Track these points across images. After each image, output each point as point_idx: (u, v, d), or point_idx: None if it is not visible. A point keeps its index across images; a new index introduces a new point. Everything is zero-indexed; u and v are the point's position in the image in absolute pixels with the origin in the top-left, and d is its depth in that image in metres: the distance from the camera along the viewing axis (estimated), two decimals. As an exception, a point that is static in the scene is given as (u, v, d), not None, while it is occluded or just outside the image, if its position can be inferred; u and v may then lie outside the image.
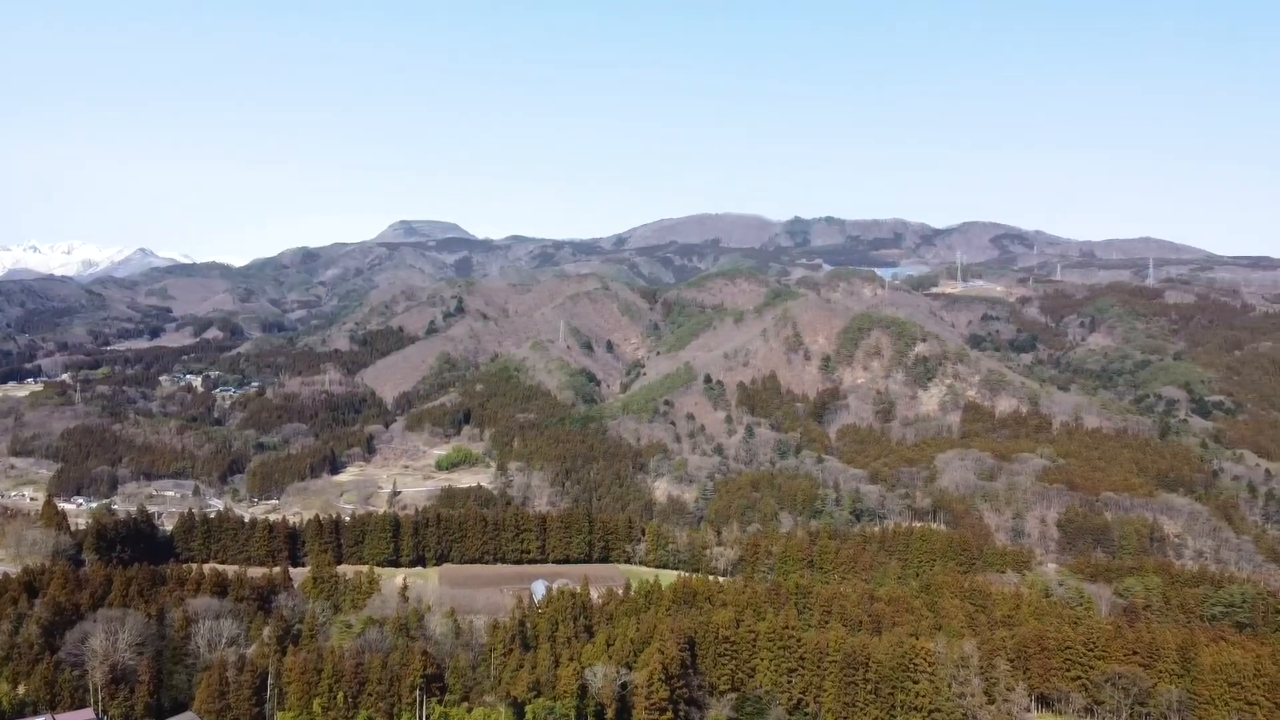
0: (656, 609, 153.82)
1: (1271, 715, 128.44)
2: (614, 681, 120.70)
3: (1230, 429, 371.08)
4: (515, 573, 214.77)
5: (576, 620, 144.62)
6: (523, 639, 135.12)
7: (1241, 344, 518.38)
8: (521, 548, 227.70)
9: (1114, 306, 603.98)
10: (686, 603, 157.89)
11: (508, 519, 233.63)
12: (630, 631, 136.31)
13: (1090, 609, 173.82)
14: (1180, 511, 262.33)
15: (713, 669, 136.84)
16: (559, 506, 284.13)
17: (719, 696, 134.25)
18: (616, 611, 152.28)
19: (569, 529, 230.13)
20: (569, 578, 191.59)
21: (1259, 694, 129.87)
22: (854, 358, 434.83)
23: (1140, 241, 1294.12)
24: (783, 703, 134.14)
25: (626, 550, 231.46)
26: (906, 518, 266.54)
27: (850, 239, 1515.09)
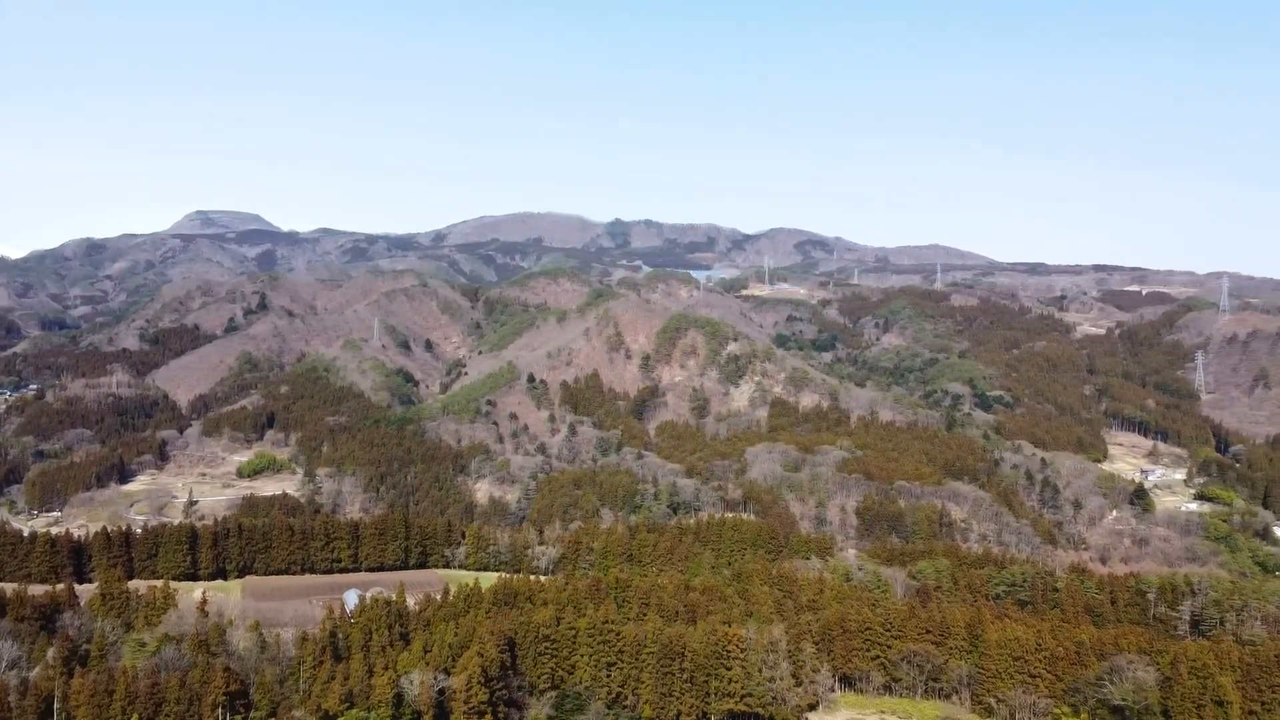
0: (476, 612, 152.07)
1: (1052, 686, 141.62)
2: (431, 687, 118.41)
3: (1009, 421, 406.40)
4: (326, 583, 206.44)
5: (392, 628, 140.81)
6: (334, 650, 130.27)
7: (1019, 343, 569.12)
8: (333, 557, 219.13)
9: (906, 308, 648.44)
10: (507, 603, 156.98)
11: (317, 527, 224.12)
12: (448, 636, 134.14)
13: (887, 591, 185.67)
14: (966, 498, 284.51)
15: (533, 668, 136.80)
16: (373, 512, 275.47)
17: (539, 696, 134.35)
18: (434, 617, 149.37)
19: (384, 535, 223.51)
20: (384, 585, 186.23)
21: (1040, 667, 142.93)
22: (672, 356, 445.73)
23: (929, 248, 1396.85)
24: (602, 697, 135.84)
25: (446, 554, 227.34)
26: (720, 509, 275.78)
27: (668, 242, 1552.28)
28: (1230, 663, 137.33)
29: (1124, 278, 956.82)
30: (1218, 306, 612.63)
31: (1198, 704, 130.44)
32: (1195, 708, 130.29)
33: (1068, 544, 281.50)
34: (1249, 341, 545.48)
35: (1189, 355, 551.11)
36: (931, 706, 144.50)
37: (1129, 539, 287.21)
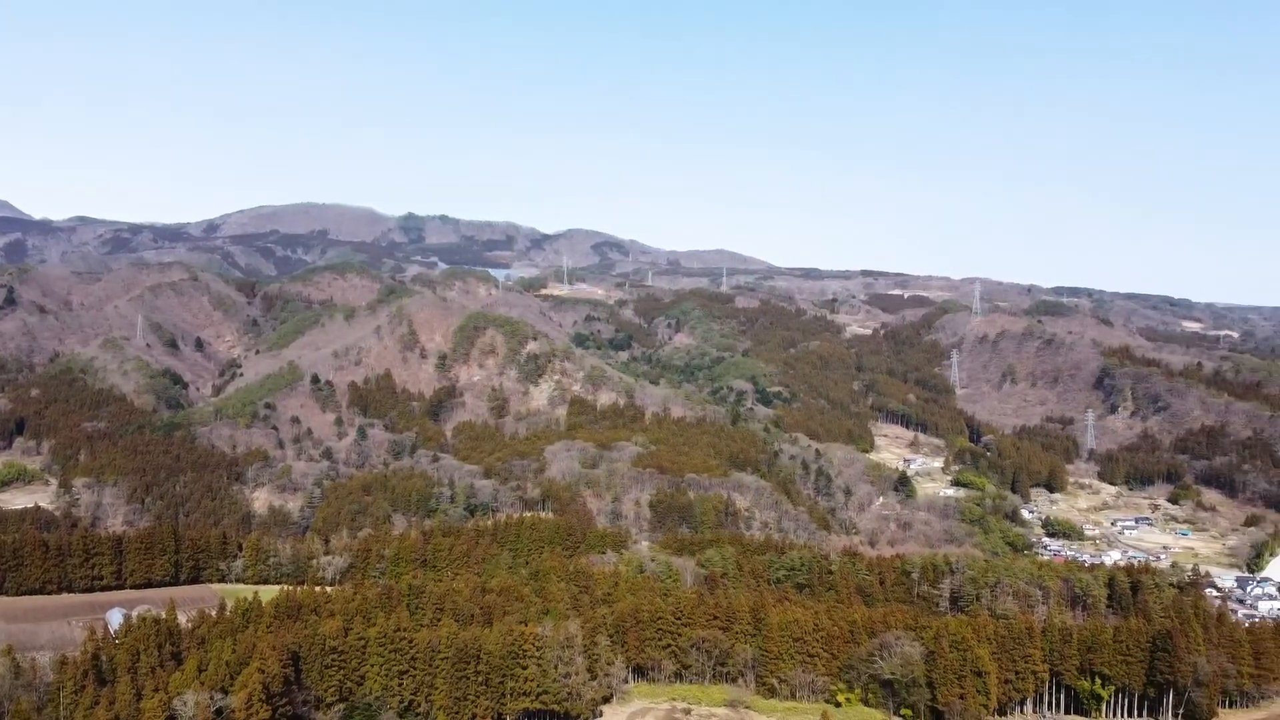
0: (256, 626, 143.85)
1: (829, 664, 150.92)
2: (208, 708, 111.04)
3: (787, 415, 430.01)
4: (87, 602, 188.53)
5: (162, 647, 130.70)
6: (98, 674, 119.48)
7: (796, 343, 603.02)
8: (93, 574, 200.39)
9: (695, 310, 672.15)
10: (291, 617, 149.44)
11: (75, 542, 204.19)
12: (226, 653, 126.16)
13: (678, 581, 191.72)
14: (749, 488, 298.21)
15: (320, 681, 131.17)
16: (138, 525, 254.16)
17: (326, 709, 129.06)
18: (210, 634, 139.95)
19: (151, 549, 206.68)
20: (152, 603, 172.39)
21: (818, 646, 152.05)
22: (470, 356, 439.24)
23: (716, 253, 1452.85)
24: (393, 706, 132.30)
25: (221, 568, 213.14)
26: (518, 509, 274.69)
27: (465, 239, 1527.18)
28: (986, 635, 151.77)
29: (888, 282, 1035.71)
30: (971, 309, 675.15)
31: (959, 675, 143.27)
32: (956, 679, 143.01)
33: (840, 529, 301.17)
34: (998, 341, 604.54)
35: (945, 353, 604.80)
36: (719, 690, 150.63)
37: (895, 523, 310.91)
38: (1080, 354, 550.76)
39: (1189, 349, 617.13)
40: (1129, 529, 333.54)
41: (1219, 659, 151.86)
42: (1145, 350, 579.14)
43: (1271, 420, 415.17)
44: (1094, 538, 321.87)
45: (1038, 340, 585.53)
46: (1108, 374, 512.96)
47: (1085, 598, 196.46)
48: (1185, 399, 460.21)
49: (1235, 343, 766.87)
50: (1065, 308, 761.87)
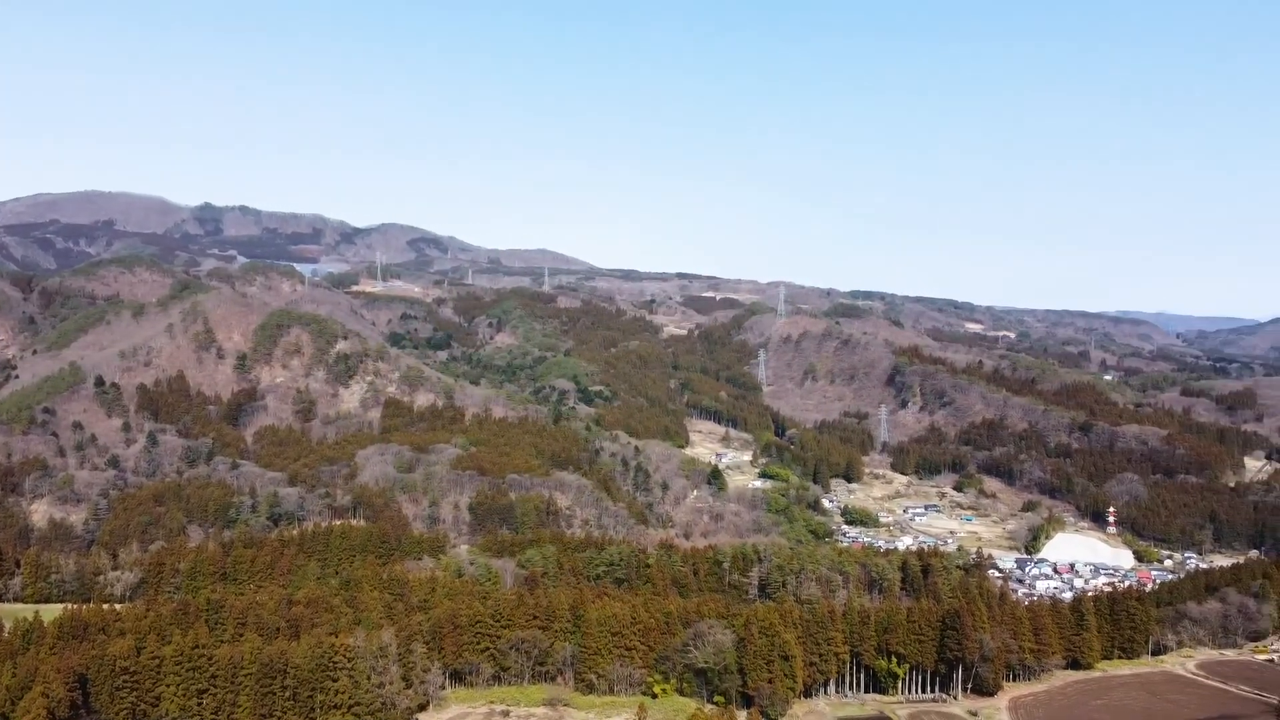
0: (39, 648, 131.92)
1: (645, 656, 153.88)
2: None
3: (608, 414, 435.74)
4: None
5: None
6: None
7: (616, 342, 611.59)
8: None
9: (517, 309, 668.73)
10: (76, 637, 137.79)
11: None
12: (5, 678, 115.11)
13: (497, 583, 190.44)
14: (570, 486, 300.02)
15: (111, 704, 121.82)
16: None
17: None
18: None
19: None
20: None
21: (635, 640, 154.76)
22: (273, 356, 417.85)
23: (538, 252, 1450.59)
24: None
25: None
26: (327, 517, 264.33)
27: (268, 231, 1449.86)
28: (792, 620, 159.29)
29: (702, 285, 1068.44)
30: (776, 311, 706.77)
31: (767, 660, 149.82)
32: (765, 663, 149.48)
33: (658, 523, 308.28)
34: (800, 341, 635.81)
35: (754, 352, 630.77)
36: (538, 690, 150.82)
37: (708, 515, 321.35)
38: (874, 353, 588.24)
39: (971, 348, 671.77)
40: (919, 516, 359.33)
41: (1002, 636, 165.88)
42: (932, 349, 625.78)
43: (1044, 414, 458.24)
44: (888, 524, 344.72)
45: (836, 340, 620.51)
46: (899, 371, 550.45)
47: (881, 581, 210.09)
48: (968, 394, 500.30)
49: (1012, 342, 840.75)
50: (861, 310, 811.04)
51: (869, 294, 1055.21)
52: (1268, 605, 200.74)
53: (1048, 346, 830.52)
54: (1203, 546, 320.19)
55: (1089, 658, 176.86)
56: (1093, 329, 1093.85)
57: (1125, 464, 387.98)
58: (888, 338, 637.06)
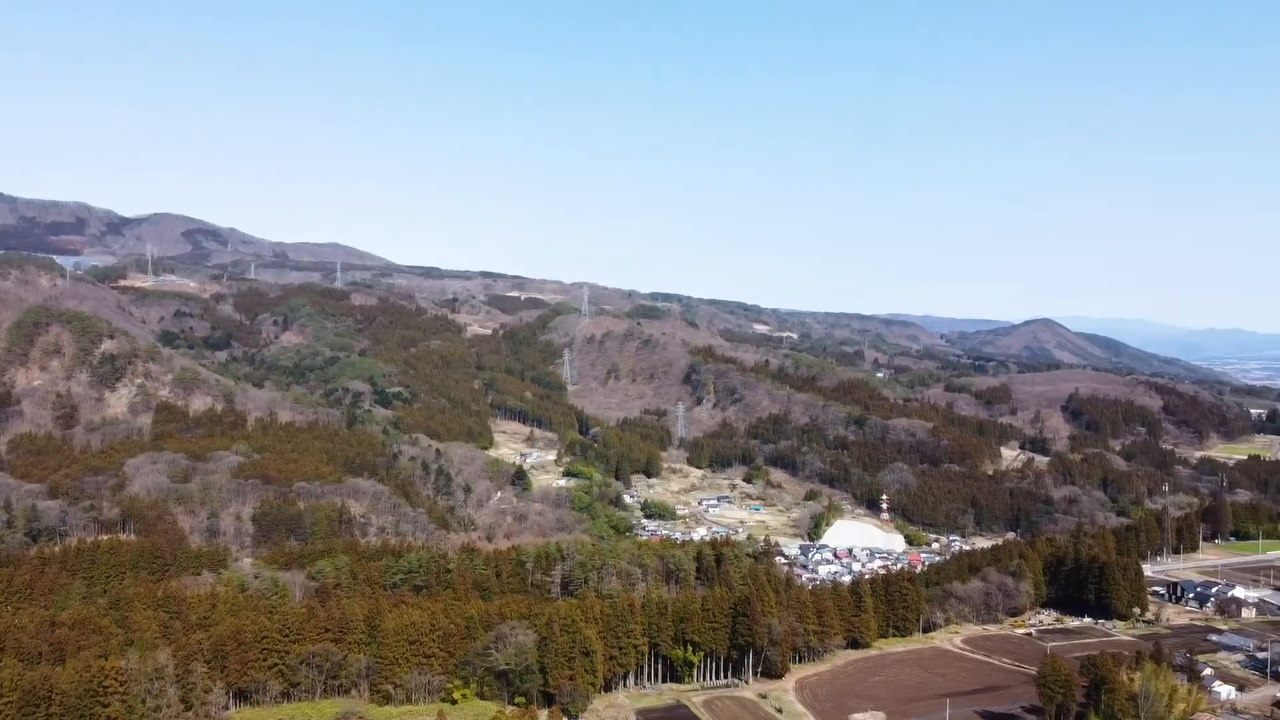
0: None
1: (445, 662, 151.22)
2: None
3: (407, 416, 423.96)
4: None
5: None
6: None
7: (416, 342, 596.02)
8: None
9: (306, 306, 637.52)
10: None
11: None
12: None
13: (286, 596, 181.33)
14: (365, 493, 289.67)
15: None
16: None
17: None
18: None
19: None
20: None
21: (434, 646, 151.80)
22: (29, 357, 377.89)
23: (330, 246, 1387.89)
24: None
25: None
26: (93, 531, 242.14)
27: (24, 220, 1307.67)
28: (594, 616, 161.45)
29: (506, 284, 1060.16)
30: (580, 312, 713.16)
31: (569, 657, 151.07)
32: (567, 661, 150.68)
33: (460, 526, 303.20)
34: (604, 341, 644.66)
35: (559, 352, 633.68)
36: (331, 705, 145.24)
37: (511, 516, 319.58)
38: (673, 353, 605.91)
39: (759, 348, 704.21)
40: (713, 507, 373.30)
41: (789, 619, 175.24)
42: (725, 349, 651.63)
43: (824, 409, 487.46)
44: (684, 516, 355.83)
45: (638, 340, 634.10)
46: (695, 370, 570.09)
47: (678, 572, 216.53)
48: (756, 391, 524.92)
49: (795, 343, 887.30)
50: (660, 311, 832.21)
51: (667, 296, 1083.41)
52: (1024, 583, 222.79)
53: (827, 346, 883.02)
54: (966, 530, 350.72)
55: (867, 637, 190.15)
56: (867, 330, 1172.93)
57: (896, 454, 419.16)
58: (685, 338, 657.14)
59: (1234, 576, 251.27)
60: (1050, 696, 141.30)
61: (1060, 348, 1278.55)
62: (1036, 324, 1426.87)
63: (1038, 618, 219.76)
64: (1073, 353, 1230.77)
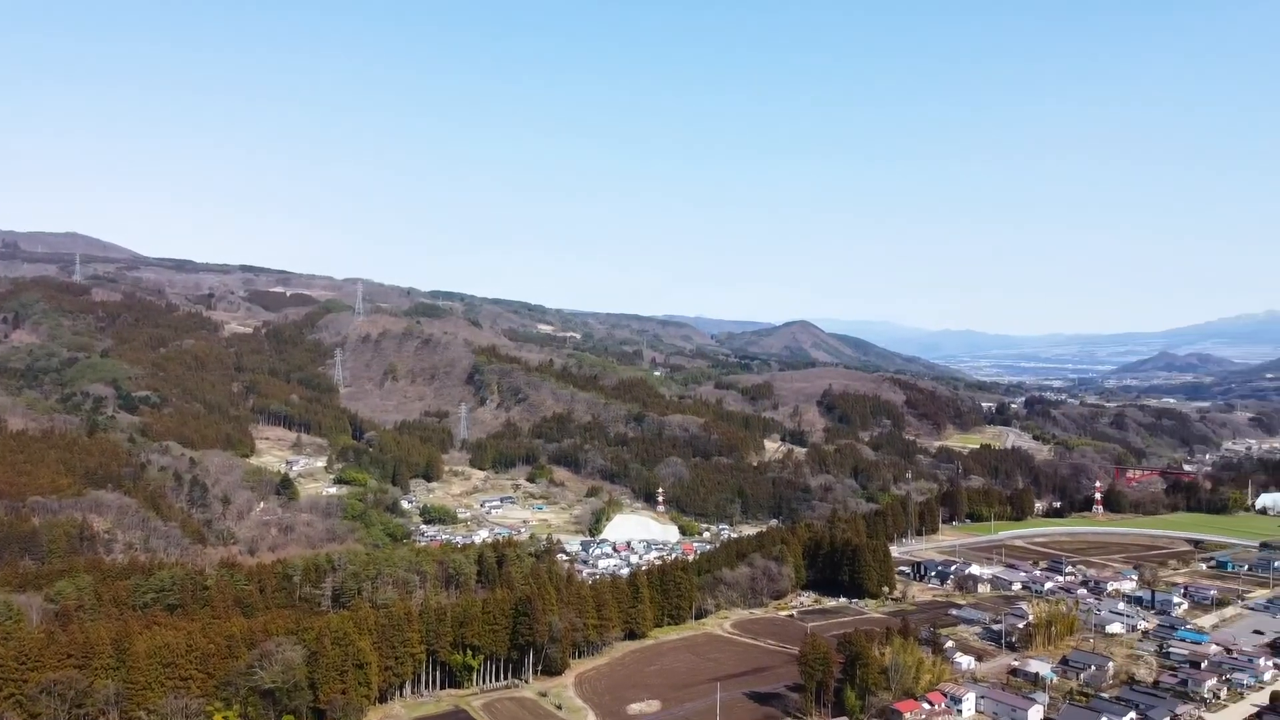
0: None
1: (204, 684, 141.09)
2: None
3: (156, 422, 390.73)
4: None
5: None
6: None
7: (166, 341, 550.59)
8: None
9: (39, 302, 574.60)
10: None
11: None
12: None
13: (21, 621, 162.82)
14: (110, 506, 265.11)
15: None
16: None
17: None
18: None
19: None
20: None
21: (192, 668, 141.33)
22: None
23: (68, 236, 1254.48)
24: None
25: None
26: None
27: None
28: (368, 627, 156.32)
29: (270, 279, 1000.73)
30: (354, 310, 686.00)
31: (341, 670, 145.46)
32: (339, 674, 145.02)
33: (218, 540, 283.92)
34: (380, 340, 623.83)
35: (329, 352, 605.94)
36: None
37: (276, 528, 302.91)
38: (454, 352, 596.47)
39: (543, 348, 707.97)
40: (495, 508, 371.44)
41: (569, 616, 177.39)
42: (509, 349, 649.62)
43: (606, 407, 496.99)
44: (466, 520, 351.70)
45: (417, 340, 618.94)
46: (478, 370, 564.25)
47: (458, 576, 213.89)
48: (540, 390, 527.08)
49: (578, 342, 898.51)
50: (441, 310, 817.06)
51: (449, 294, 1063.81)
52: (786, 567, 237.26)
53: (608, 346, 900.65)
54: (734, 519, 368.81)
55: (644, 627, 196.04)
56: (645, 330, 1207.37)
57: (672, 449, 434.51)
58: (467, 338, 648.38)
59: (970, 555, 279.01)
60: (811, 674, 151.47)
61: (816, 347, 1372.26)
62: (795, 325, 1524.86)
63: (799, 600, 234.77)
64: (827, 352, 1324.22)
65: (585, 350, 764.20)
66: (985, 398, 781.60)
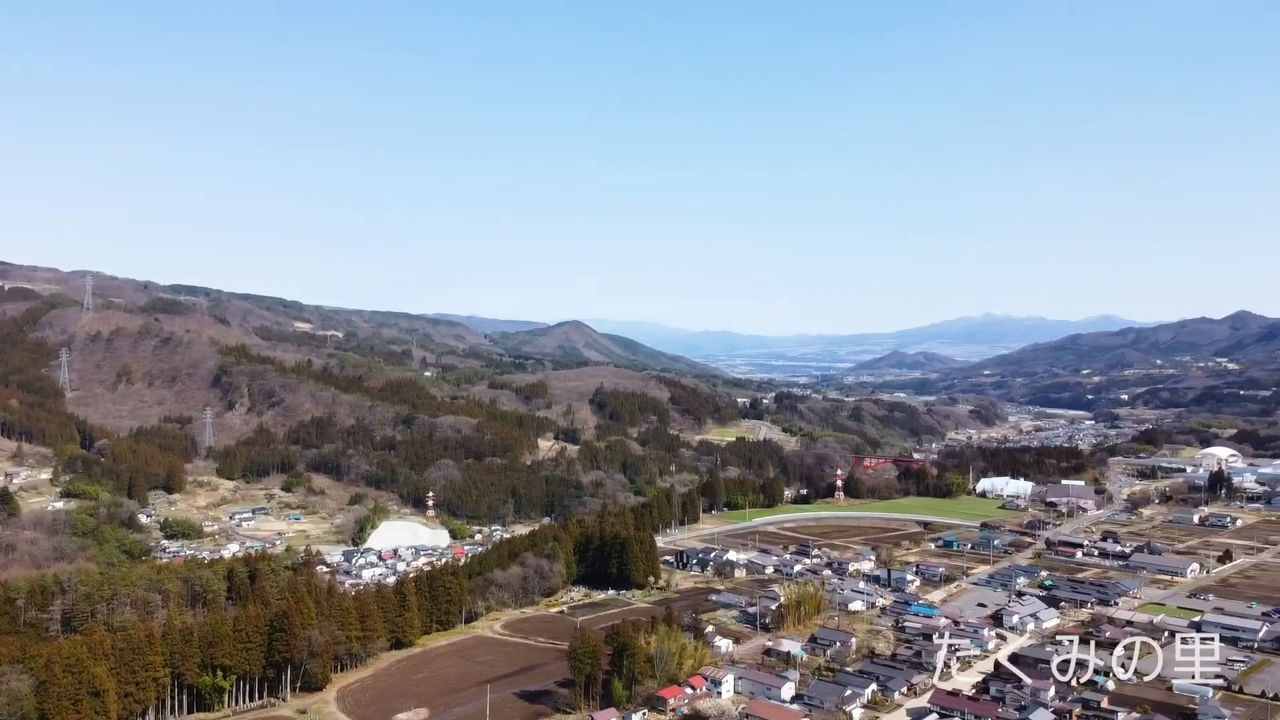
0: None
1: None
2: None
3: None
4: None
5: None
6: None
7: None
8: None
9: None
10: None
11: None
12: None
13: None
14: None
15: None
16: None
17: None
18: None
19: None
20: None
21: None
22: None
23: None
24: None
25: None
26: None
27: None
28: (104, 652, 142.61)
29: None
30: (83, 305, 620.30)
31: (74, 699, 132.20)
32: (72, 704, 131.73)
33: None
34: (113, 339, 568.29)
35: (54, 353, 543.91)
36: None
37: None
38: (199, 352, 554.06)
39: (301, 347, 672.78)
40: (247, 520, 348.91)
41: (330, 628, 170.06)
42: (262, 349, 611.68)
43: (371, 409, 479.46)
44: (214, 533, 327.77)
45: (155, 339, 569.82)
46: (226, 372, 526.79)
47: (206, 594, 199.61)
48: (297, 393, 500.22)
49: (341, 341, 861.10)
50: (183, 306, 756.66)
51: (192, 289, 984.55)
52: (558, 564, 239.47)
53: (374, 346, 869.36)
54: (506, 519, 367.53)
55: (411, 635, 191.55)
56: (415, 329, 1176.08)
57: (443, 451, 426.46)
58: (214, 336, 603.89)
59: (728, 542, 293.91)
60: (580, 668, 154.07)
61: (589, 346, 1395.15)
62: (569, 325, 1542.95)
63: (570, 595, 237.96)
64: (599, 351, 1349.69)
65: (349, 350, 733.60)
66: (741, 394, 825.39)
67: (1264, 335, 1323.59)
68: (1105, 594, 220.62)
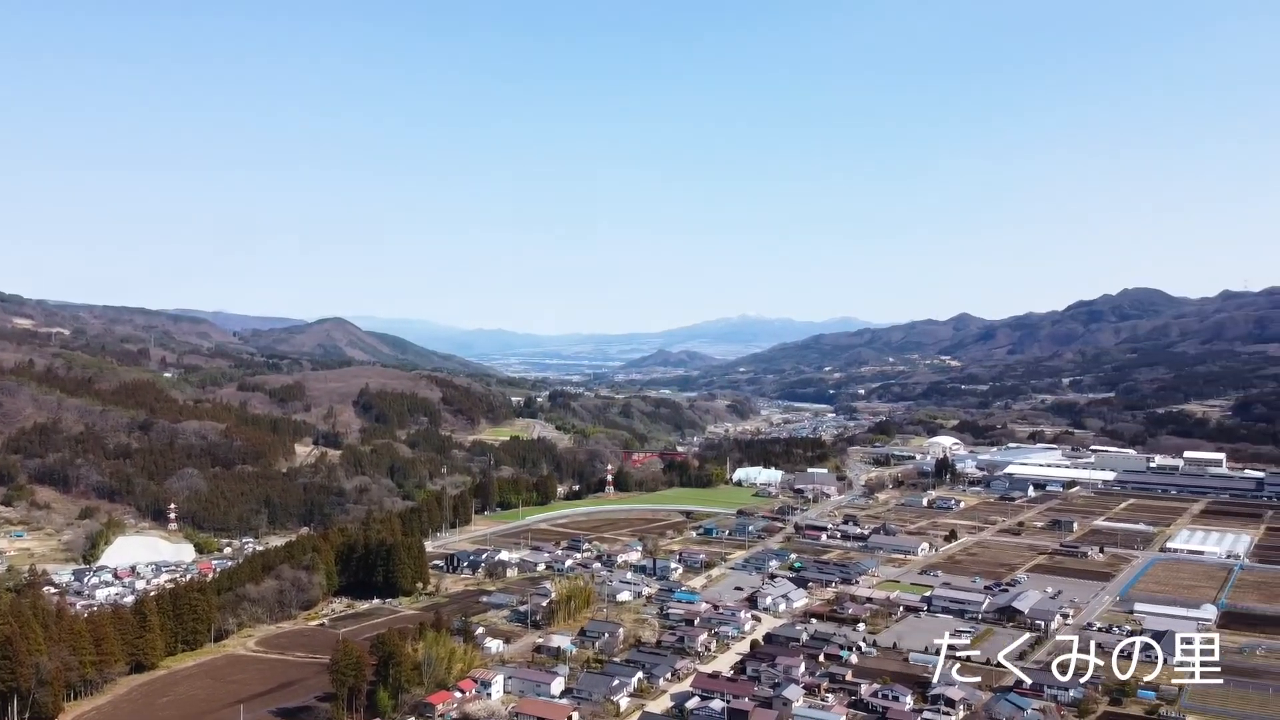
0: None
1: None
2: None
3: None
4: None
5: None
6: None
7: None
8: None
9: None
10: None
11: None
12: None
13: None
14: None
15: None
16: None
17: None
18: None
19: None
20: None
21: None
22: None
23: None
24: None
25: None
26: None
27: None
28: None
29: None
30: None
31: None
32: None
33: None
34: None
35: None
36: None
37: None
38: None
39: (21, 346, 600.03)
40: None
41: (61, 654, 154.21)
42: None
43: (103, 414, 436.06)
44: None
45: None
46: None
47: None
48: (18, 397, 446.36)
49: (68, 340, 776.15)
50: None
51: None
52: (317, 575, 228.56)
53: (106, 344, 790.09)
54: (259, 530, 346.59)
55: (153, 658, 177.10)
56: (153, 326, 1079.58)
57: (186, 459, 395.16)
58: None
59: (500, 542, 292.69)
60: (342, 680, 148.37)
61: (352, 345, 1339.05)
62: (330, 323, 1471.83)
63: (330, 607, 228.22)
64: (364, 350, 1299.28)
65: (77, 349, 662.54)
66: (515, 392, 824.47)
67: (982, 335, 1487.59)
68: (847, 573, 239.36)
